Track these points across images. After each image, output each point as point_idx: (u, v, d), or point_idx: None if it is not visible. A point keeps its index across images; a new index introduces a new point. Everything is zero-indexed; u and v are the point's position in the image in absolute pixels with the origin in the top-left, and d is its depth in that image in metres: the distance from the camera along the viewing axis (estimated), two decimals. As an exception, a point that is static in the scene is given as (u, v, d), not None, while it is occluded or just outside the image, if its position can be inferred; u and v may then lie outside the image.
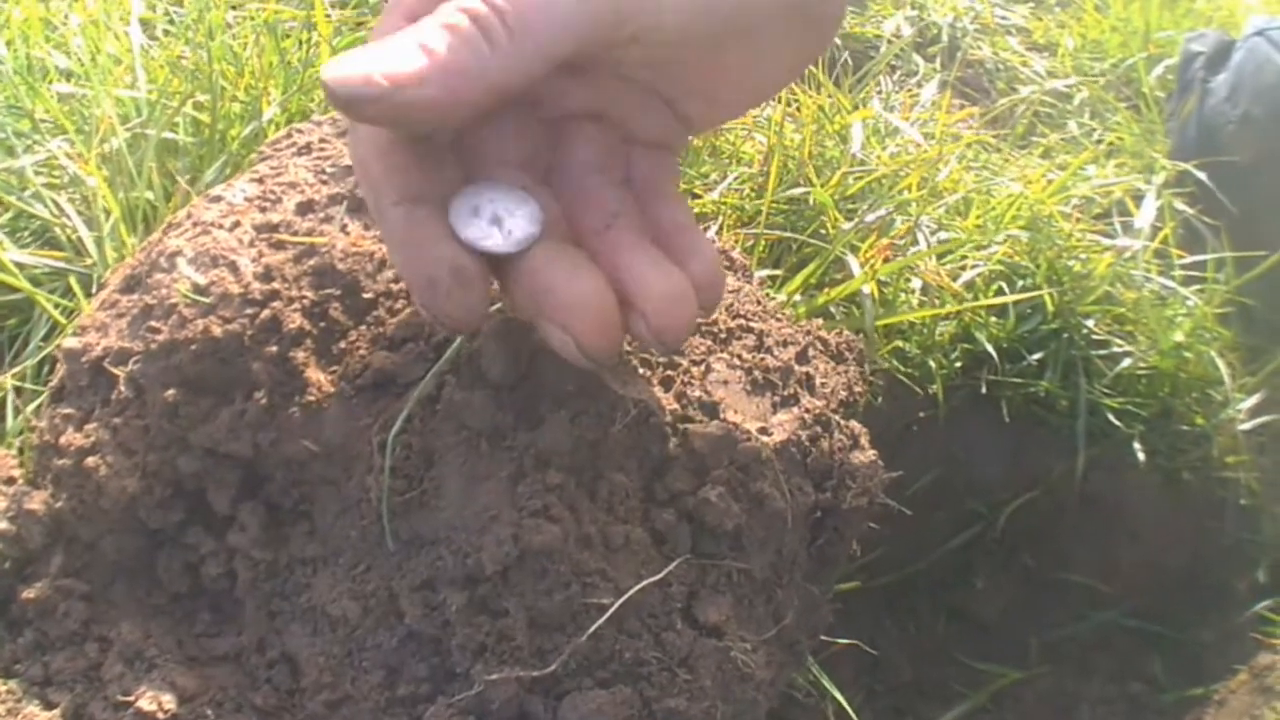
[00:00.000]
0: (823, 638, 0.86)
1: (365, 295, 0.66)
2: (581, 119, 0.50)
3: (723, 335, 0.70)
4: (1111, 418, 0.91)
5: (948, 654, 0.94)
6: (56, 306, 0.80)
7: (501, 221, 0.47)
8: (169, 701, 0.67)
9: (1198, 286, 0.96)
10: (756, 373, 0.70)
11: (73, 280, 0.77)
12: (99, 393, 0.70)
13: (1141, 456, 0.91)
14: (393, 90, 0.40)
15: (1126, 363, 0.91)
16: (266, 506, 0.67)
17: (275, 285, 0.66)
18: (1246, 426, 0.97)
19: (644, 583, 0.62)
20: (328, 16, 0.85)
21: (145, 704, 0.66)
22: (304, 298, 0.65)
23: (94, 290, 0.77)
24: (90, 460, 0.67)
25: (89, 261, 0.81)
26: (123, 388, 0.68)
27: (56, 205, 0.83)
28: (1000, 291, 0.85)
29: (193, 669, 0.69)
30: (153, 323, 0.67)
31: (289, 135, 0.75)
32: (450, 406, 0.62)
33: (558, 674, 0.63)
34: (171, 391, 0.65)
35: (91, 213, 0.82)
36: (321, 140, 0.74)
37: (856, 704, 0.90)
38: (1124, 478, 0.93)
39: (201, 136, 0.82)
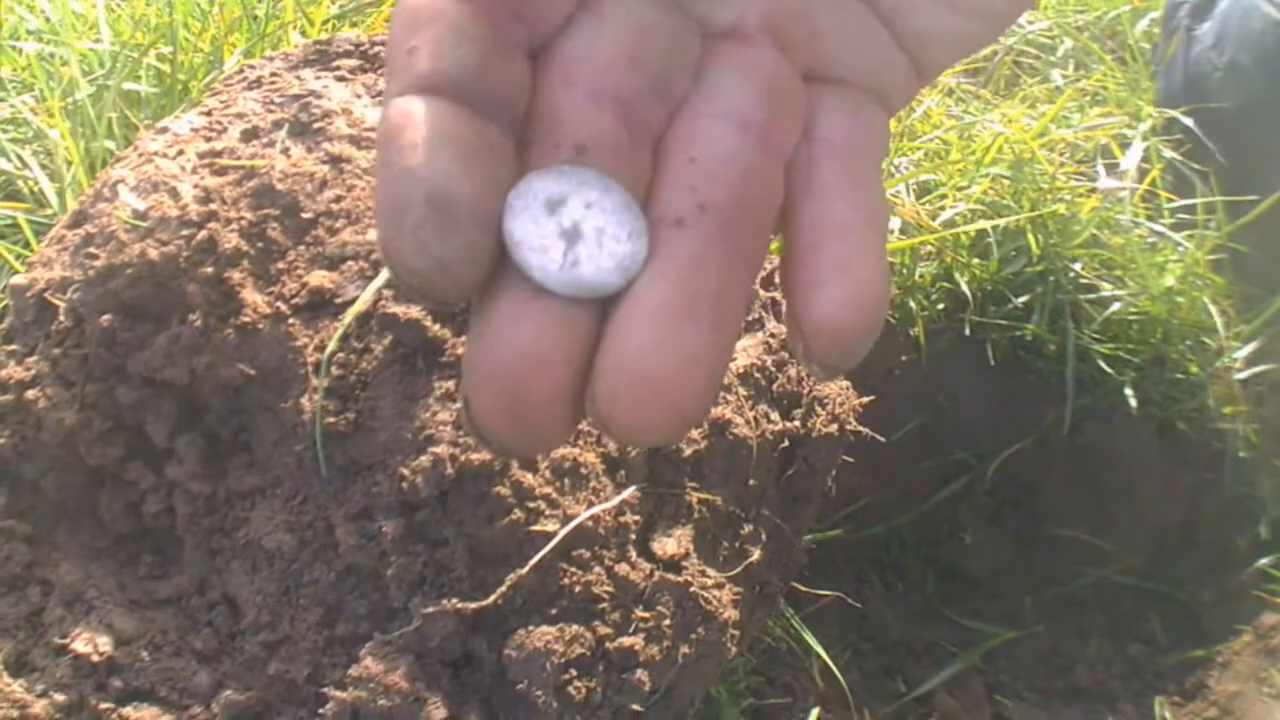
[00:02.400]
0: (805, 590, 0.78)
1: (304, 215, 0.59)
2: (739, 40, 0.28)
3: (682, 258, 0.63)
4: (1102, 364, 0.82)
5: (937, 611, 0.85)
6: (17, 258, 0.74)
7: (578, 239, 0.26)
8: (105, 644, 0.60)
9: (1188, 232, 0.88)
10: (718, 296, 0.62)
11: (26, 228, 0.71)
12: (43, 327, 0.63)
13: (1134, 404, 0.82)
14: None
15: (1116, 307, 0.82)
16: (205, 438, 0.60)
17: (213, 207, 0.59)
18: (1243, 376, 0.87)
19: (593, 509, 0.54)
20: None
21: (80, 646, 0.59)
22: (242, 219, 0.59)
23: (52, 236, 0.71)
24: (30, 393, 0.61)
25: (50, 211, 0.75)
26: (62, 317, 0.61)
27: (20, 159, 0.77)
28: (982, 230, 0.77)
29: (133, 612, 0.62)
30: (92, 249, 0.61)
31: (241, 71, 0.69)
32: (385, 323, 0.54)
33: (503, 610, 0.55)
34: (108, 317, 0.59)
35: (54, 164, 0.76)
36: (273, 74, 0.68)
37: (843, 662, 0.81)
38: (1116, 427, 0.84)
39: (164, 86, 0.76)
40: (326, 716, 0.56)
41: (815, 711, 0.74)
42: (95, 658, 0.59)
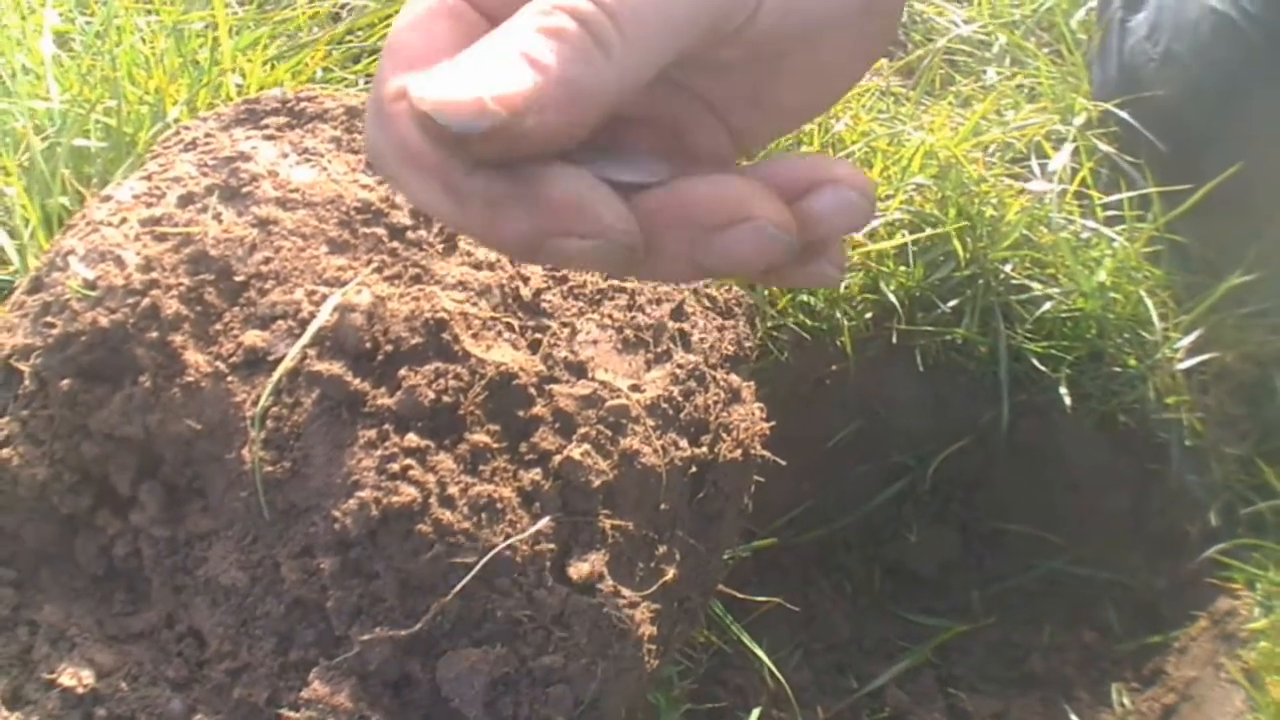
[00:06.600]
0: (744, 597, 0.87)
1: (237, 278, 0.69)
2: (634, 122, 0.40)
3: (594, 296, 0.72)
4: (1036, 363, 0.90)
5: (886, 610, 0.94)
6: (-15, 313, 0.84)
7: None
8: (88, 677, 0.71)
9: (1121, 227, 0.95)
10: (628, 331, 0.71)
11: (-10, 286, 0.81)
12: (11, 390, 0.73)
13: (1069, 400, 0.90)
14: (510, 120, 0.31)
15: (1047, 306, 0.90)
16: (164, 486, 0.70)
17: (154, 275, 0.69)
18: (1185, 365, 0.95)
19: (509, 540, 0.64)
20: (229, 10, 0.89)
21: (66, 680, 0.70)
22: (180, 284, 0.68)
23: (15, 295, 0.81)
24: (4, 452, 0.71)
25: (12, 268, 0.85)
26: (28, 381, 0.71)
27: (-20, 217, 0.87)
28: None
29: (111, 646, 0.73)
30: (49, 318, 0.71)
31: (177, 133, 0.78)
32: (311, 378, 0.64)
33: (434, 635, 0.65)
34: (68, 381, 0.69)
35: (12, 222, 0.86)
36: (207, 135, 0.77)
37: (793, 663, 0.90)
38: (1054, 423, 0.92)
39: (111, 141, 0.86)
40: (283, 736, 0.67)
41: (757, 711, 0.83)
42: (80, 690, 0.70)
